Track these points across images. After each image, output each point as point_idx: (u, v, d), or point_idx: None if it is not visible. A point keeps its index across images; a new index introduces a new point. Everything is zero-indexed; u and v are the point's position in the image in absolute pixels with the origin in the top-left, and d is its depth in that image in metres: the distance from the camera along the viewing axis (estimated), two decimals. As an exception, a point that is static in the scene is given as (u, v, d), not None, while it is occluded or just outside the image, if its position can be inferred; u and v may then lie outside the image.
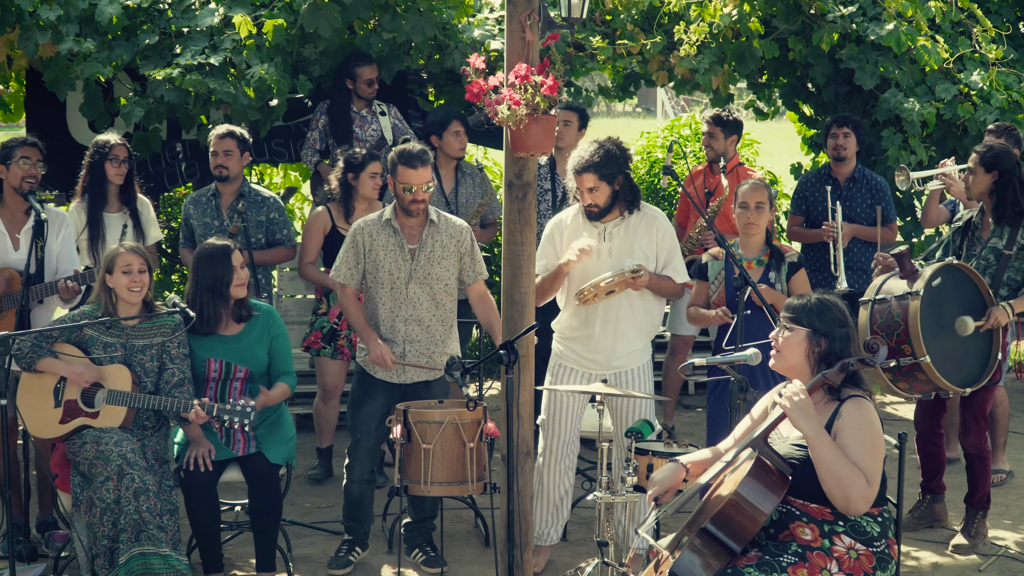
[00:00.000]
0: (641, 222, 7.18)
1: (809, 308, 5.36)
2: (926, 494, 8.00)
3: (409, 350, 7.19)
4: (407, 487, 6.55)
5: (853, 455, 5.08)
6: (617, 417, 7.25)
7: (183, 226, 8.79)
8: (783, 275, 7.48)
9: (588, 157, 7.02)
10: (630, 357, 7.24)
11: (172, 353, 6.96)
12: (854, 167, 9.32)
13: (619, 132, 8.02)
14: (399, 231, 7.16)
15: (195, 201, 8.75)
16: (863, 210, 9.18)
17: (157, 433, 6.96)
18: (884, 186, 9.30)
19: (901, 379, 7.02)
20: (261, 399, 7.00)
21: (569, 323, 7.26)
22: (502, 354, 6.10)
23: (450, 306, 7.28)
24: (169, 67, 8.85)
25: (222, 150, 8.59)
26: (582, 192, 7.06)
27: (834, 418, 5.19)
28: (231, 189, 8.69)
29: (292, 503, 8.32)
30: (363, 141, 9.65)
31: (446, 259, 7.18)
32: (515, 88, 6.08)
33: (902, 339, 6.89)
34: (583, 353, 7.24)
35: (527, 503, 6.63)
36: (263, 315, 7.19)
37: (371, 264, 7.18)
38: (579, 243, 7.02)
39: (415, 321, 7.18)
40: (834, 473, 5.05)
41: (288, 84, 9.14)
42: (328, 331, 8.69)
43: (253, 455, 7.02)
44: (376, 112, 9.78)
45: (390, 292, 7.16)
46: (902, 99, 9.63)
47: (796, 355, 5.35)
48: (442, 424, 6.47)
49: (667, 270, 7.23)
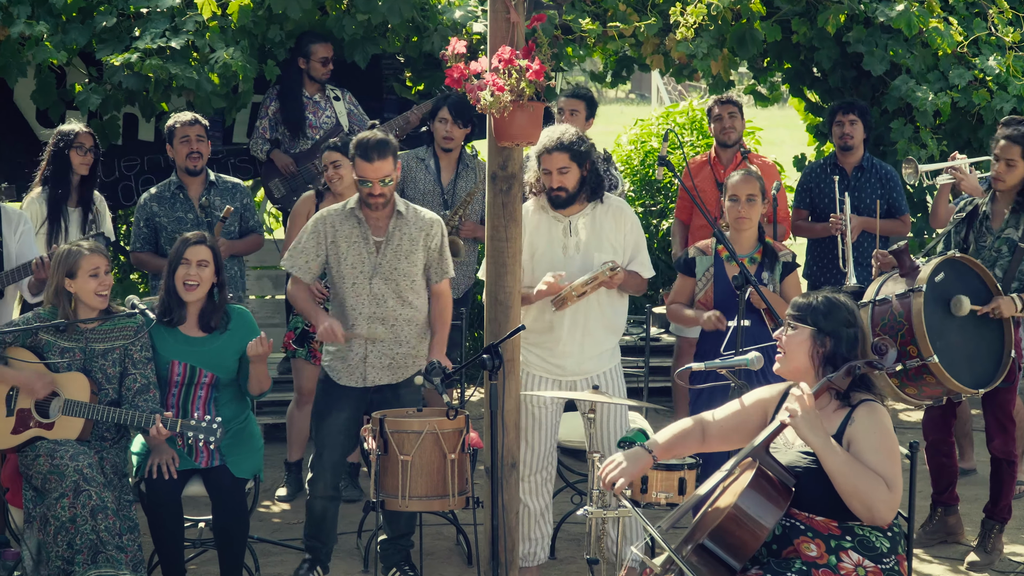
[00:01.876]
0: (607, 214, 7.21)
1: (815, 307, 5.38)
2: (938, 507, 8.03)
3: (372, 350, 7.17)
4: (384, 501, 6.55)
5: (870, 462, 5.10)
6: (599, 426, 7.20)
7: (141, 227, 8.70)
8: (776, 275, 7.47)
9: (559, 136, 7.03)
10: (600, 360, 7.26)
11: (135, 357, 6.93)
12: (862, 156, 9.35)
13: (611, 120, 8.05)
14: (363, 222, 7.13)
15: (158, 199, 8.68)
16: (872, 201, 9.20)
17: (116, 445, 6.94)
18: (894, 176, 9.32)
19: (909, 384, 7.03)
20: (265, 344, 6.96)
21: (533, 328, 7.19)
22: (486, 358, 6.11)
23: (419, 305, 7.23)
24: (128, 51, 8.84)
25: (194, 135, 8.58)
26: (550, 175, 7.05)
27: (846, 425, 5.22)
28: (199, 179, 8.68)
29: (260, 519, 8.32)
30: (316, 128, 9.64)
31: (414, 253, 7.15)
32: (499, 73, 6.10)
33: (907, 340, 6.91)
34: (550, 359, 7.24)
35: (512, 519, 6.64)
36: (236, 317, 7.19)
37: (333, 256, 7.15)
38: (548, 276, 7.00)
39: (379, 320, 7.14)
40: (852, 484, 5.07)
41: (255, 69, 9.14)
42: (301, 332, 8.68)
43: (217, 468, 7.01)
44: (330, 97, 9.76)
45: (352, 288, 7.12)
46: (914, 86, 9.65)
47: (800, 356, 5.37)
48: (421, 434, 6.47)
49: (634, 264, 7.26)
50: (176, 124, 8.60)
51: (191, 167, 8.60)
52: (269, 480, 9.06)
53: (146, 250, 8.68)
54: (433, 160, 9.09)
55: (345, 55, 9.76)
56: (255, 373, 7.08)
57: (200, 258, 7.05)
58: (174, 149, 8.63)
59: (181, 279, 7.04)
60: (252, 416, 7.32)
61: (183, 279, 7.03)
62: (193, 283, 7.03)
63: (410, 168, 9.10)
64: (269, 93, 9.80)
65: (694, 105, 13.69)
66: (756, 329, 7.25)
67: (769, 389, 5.63)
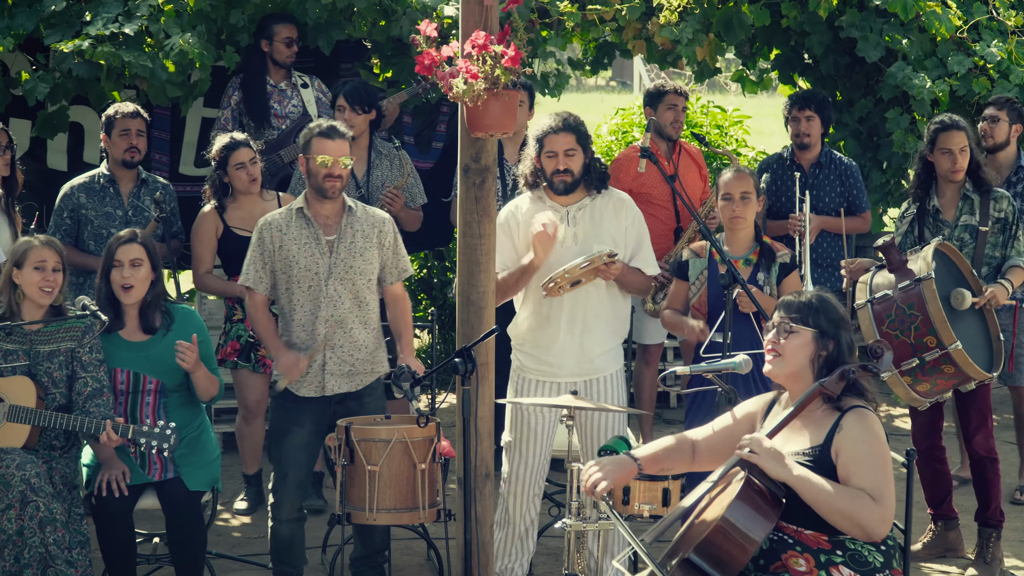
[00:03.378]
0: (608, 205, 7.20)
1: (813, 306, 5.39)
2: (937, 520, 8.05)
3: (331, 357, 7.12)
4: (350, 514, 6.54)
5: (857, 472, 5.10)
6: (585, 433, 7.21)
7: (64, 218, 8.64)
8: (773, 277, 7.47)
9: (563, 118, 7.06)
10: (603, 360, 7.23)
11: (83, 360, 6.91)
12: (819, 152, 9.30)
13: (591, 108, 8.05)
14: (313, 221, 7.09)
15: (86, 189, 8.64)
16: (832, 199, 9.21)
17: (66, 455, 6.91)
18: (854, 170, 9.33)
19: (923, 379, 7.15)
20: (192, 350, 6.95)
21: (529, 324, 7.21)
22: (457, 362, 6.10)
23: (374, 306, 7.21)
24: (78, 38, 8.80)
25: (135, 129, 8.56)
26: (555, 157, 7.05)
27: (834, 432, 5.22)
28: (132, 175, 8.67)
29: (218, 533, 8.30)
30: (282, 118, 9.61)
31: (368, 251, 7.12)
32: (472, 59, 6.08)
33: (923, 331, 7.00)
34: (547, 359, 7.21)
35: (486, 532, 6.63)
36: (180, 317, 7.17)
37: (282, 262, 7.09)
38: (538, 219, 6.97)
39: (336, 323, 7.10)
40: (835, 508, 5.08)
41: (212, 56, 9.10)
42: (246, 342, 8.61)
43: (170, 480, 7.00)
44: (296, 84, 9.73)
45: (308, 291, 7.08)
46: (910, 74, 9.66)
47: (799, 360, 5.37)
48: (389, 443, 6.46)
49: (636, 260, 7.23)
50: (117, 114, 8.58)
51: (128, 159, 8.58)
52: (228, 491, 9.02)
53: (66, 243, 8.45)
54: None
55: (308, 40, 9.73)
56: (196, 380, 7.08)
57: (133, 257, 7.04)
58: (111, 140, 8.60)
59: (117, 283, 7.03)
60: (207, 423, 7.30)
61: (119, 282, 7.02)
62: (128, 285, 7.01)
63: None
64: (232, 81, 9.76)
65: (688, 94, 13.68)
66: (748, 332, 7.23)
67: (756, 401, 5.63)
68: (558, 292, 6.98)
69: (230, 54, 9.38)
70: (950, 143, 7.87)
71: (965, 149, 7.86)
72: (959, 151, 7.85)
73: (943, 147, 7.87)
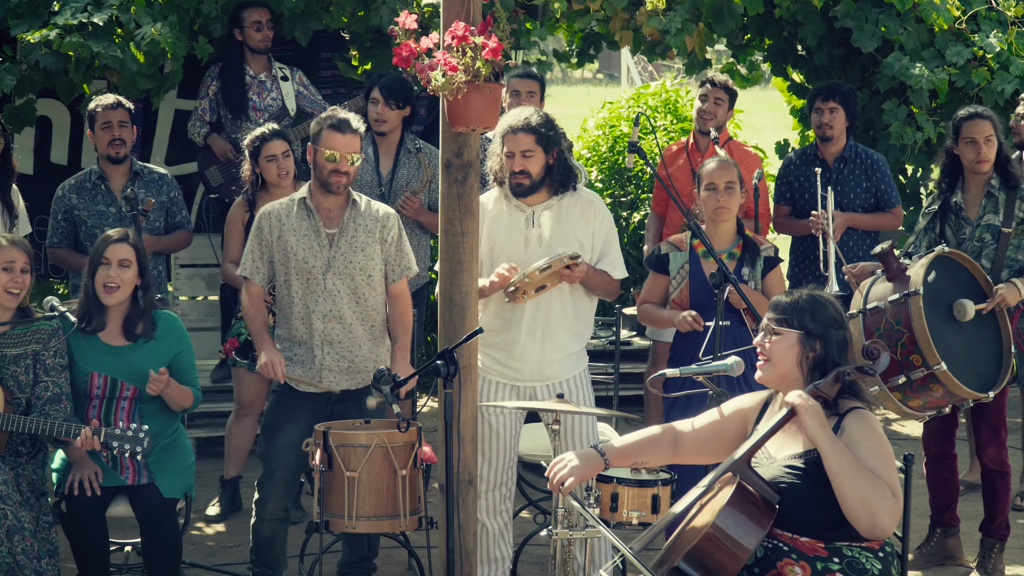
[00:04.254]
0: (575, 206, 7.18)
1: (800, 307, 5.36)
2: (936, 527, 8.05)
3: (328, 352, 7.13)
4: (328, 522, 6.53)
5: (870, 468, 5.09)
6: (561, 438, 7.16)
7: (59, 221, 8.68)
8: (758, 271, 7.46)
9: (527, 117, 7.02)
10: (564, 364, 7.23)
11: (47, 364, 6.89)
12: (844, 145, 9.25)
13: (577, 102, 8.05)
14: (315, 212, 7.10)
15: (78, 189, 8.66)
16: (857, 194, 9.17)
17: (32, 460, 6.90)
18: (882, 164, 9.28)
19: (913, 396, 7.08)
20: (161, 382, 6.94)
21: (490, 327, 7.17)
22: (440, 365, 6.09)
23: (373, 303, 7.21)
24: (45, 28, 8.77)
25: (116, 121, 8.54)
26: (512, 157, 7.03)
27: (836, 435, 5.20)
28: (123, 169, 8.66)
29: (192, 542, 8.28)
30: (261, 111, 9.59)
31: (370, 246, 7.13)
32: (452, 51, 6.08)
33: (908, 349, 6.94)
34: (507, 362, 7.22)
35: (470, 540, 6.63)
36: (163, 324, 7.16)
37: (280, 253, 7.11)
38: (500, 268, 6.98)
39: (334, 318, 7.11)
40: (856, 488, 5.05)
41: (185, 47, 9.08)
42: (245, 340, 8.61)
43: (144, 486, 6.98)
44: (276, 76, 9.72)
45: (305, 284, 7.09)
46: (907, 64, 9.67)
47: (787, 362, 5.35)
48: (369, 448, 6.46)
49: (603, 263, 7.22)
50: (97, 108, 8.57)
51: (113, 154, 8.55)
52: (202, 499, 9.01)
53: (64, 246, 8.63)
54: (371, 147, 9.04)
55: (284, 31, 9.72)
56: (166, 397, 7.07)
57: (121, 257, 7.02)
58: (95, 135, 8.59)
59: (101, 281, 7.00)
60: (182, 429, 7.29)
61: (103, 281, 7.00)
62: (113, 285, 6.99)
63: None
64: (210, 71, 9.76)
65: (667, 86, 13.68)
66: (737, 331, 7.24)
67: (749, 398, 5.62)
68: (522, 298, 6.97)
69: (203, 44, 9.37)
70: (974, 132, 7.74)
71: (991, 139, 7.74)
72: (984, 140, 7.72)
73: (968, 136, 7.75)
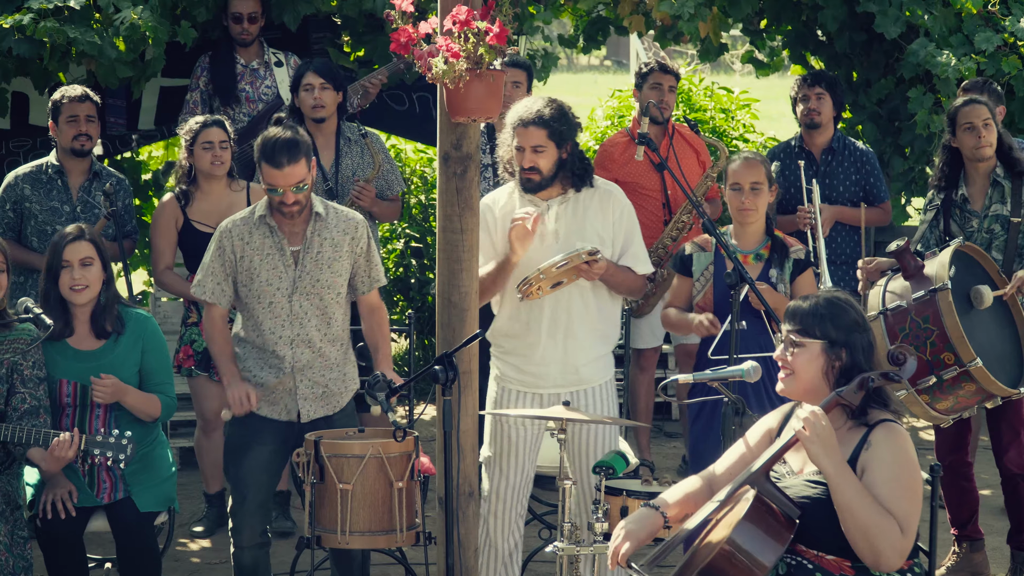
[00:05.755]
0: (593, 198, 7.12)
1: (819, 313, 5.33)
2: (962, 542, 8.04)
3: (301, 380, 7.06)
4: (320, 537, 6.52)
5: (885, 496, 5.07)
6: (573, 450, 7.13)
7: (6, 210, 8.63)
8: (787, 274, 7.44)
9: (538, 109, 6.95)
10: (590, 369, 7.17)
11: (25, 374, 6.85)
12: (832, 136, 9.29)
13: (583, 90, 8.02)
14: (276, 230, 6.98)
15: (32, 180, 8.62)
16: (846, 188, 9.19)
17: (7, 471, 6.87)
18: (870, 157, 9.34)
19: (942, 397, 7.11)
20: (106, 387, 6.91)
21: (507, 329, 7.17)
22: (438, 370, 6.08)
23: (341, 321, 7.13)
24: (18, 12, 8.76)
25: (83, 115, 8.52)
26: (523, 152, 7.00)
27: (861, 449, 5.18)
28: (83, 166, 8.64)
29: (176, 559, 8.29)
30: (254, 102, 9.58)
31: (337, 261, 7.03)
32: (453, 36, 6.07)
33: (939, 347, 6.95)
34: (528, 368, 7.16)
35: (470, 557, 6.62)
36: (133, 324, 7.13)
37: (244, 274, 7.00)
38: (518, 212, 6.90)
39: (304, 343, 7.03)
40: (860, 522, 5.04)
41: (167, 31, 9.06)
42: (204, 348, 8.52)
43: (120, 502, 6.98)
44: (270, 63, 9.71)
45: (269, 308, 6.99)
46: (933, 51, 9.67)
47: (811, 375, 5.32)
48: (363, 459, 6.44)
49: (626, 258, 7.16)
50: (63, 99, 8.54)
51: (78, 147, 8.54)
52: (187, 512, 9.01)
53: (7, 237, 8.42)
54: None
55: (273, 16, 9.71)
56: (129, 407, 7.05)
57: (83, 256, 6.98)
58: (58, 128, 8.56)
59: (66, 285, 6.97)
60: (162, 438, 7.27)
61: (68, 284, 6.97)
62: (79, 287, 6.97)
63: None
64: (200, 61, 9.75)
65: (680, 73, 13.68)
66: (761, 337, 7.22)
67: (774, 416, 5.59)
68: (536, 294, 6.89)
69: (186, 29, 9.34)
70: (972, 117, 7.82)
71: (989, 123, 7.83)
72: (983, 124, 7.80)
73: (965, 123, 7.83)
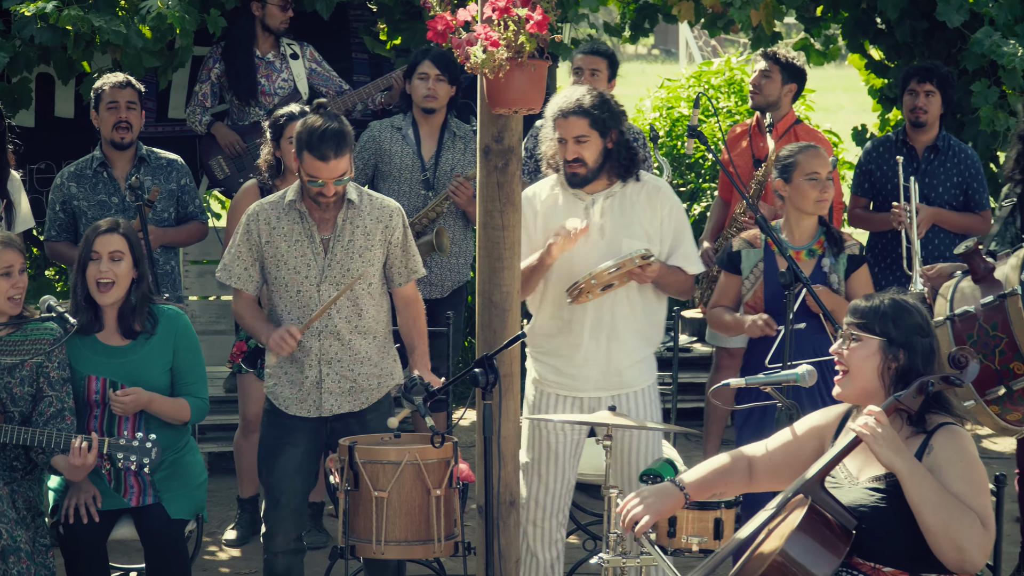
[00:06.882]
0: (640, 193, 7.11)
1: (882, 312, 5.33)
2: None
3: (327, 373, 7.05)
4: (354, 547, 6.52)
5: (960, 493, 5.06)
6: (619, 456, 7.12)
7: (57, 212, 8.69)
8: (840, 269, 7.40)
9: (577, 98, 6.95)
10: (633, 372, 7.16)
11: (52, 377, 6.87)
12: (937, 134, 9.18)
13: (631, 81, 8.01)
14: (307, 216, 6.98)
15: (77, 177, 8.67)
16: (946, 189, 9.09)
17: (28, 476, 6.91)
18: (976, 160, 9.21)
19: (1013, 408, 7.05)
20: (125, 402, 6.93)
21: (547, 330, 7.16)
22: (478, 373, 6.07)
23: (374, 313, 7.09)
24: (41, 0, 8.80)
25: (124, 101, 8.54)
26: (565, 144, 6.98)
27: (922, 454, 5.17)
28: (128, 156, 8.66)
29: (204, 568, 8.31)
30: (271, 95, 9.58)
31: (370, 250, 7.01)
32: (492, 24, 6.07)
33: (1008, 356, 6.90)
34: (568, 371, 7.15)
35: (511, 568, 6.62)
36: (165, 320, 7.14)
37: (271, 260, 7.00)
38: (570, 223, 6.88)
39: (331, 334, 7.01)
40: (942, 518, 5.01)
41: (195, 21, 9.08)
42: (255, 346, 8.57)
43: (150, 507, 6.99)
44: (286, 55, 9.70)
45: (296, 297, 6.99)
46: (999, 40, 9.60)
47: (867, 373, 5.31)
48: (399, 465, 6.45)
49: (675, 258, 7.13)
50: (104, 87, 8.58)
51: (118, 139, 8.55)
52: (215, 520, 9.04)
53: (63, 239, 8.61)
54: (412, 129, 9.03)
55: (305, 3, 9.72)
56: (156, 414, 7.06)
57: (112, 249, 7.00)
58: (99, 117, 8.60)
59: (93, 278, 6.99)
60: (192, 443, 7.29)
61: (95, 278, 6.98)
62: (106, 281, 6.98)
63: (383, 140, 9.07)
64: (212, 52, 9.75)
65: (731, 63, 13.65)
66: (815, 337, 7.18)
67: (825, 414, 5.58)
68: (586, 298, 6.89)
69: (215, 17, 9.36)
70: None
71: None
72: None
73: None
